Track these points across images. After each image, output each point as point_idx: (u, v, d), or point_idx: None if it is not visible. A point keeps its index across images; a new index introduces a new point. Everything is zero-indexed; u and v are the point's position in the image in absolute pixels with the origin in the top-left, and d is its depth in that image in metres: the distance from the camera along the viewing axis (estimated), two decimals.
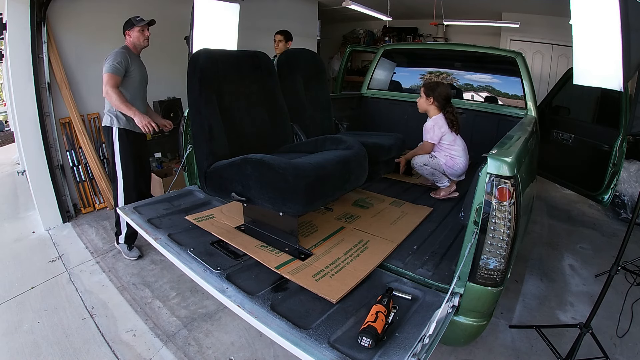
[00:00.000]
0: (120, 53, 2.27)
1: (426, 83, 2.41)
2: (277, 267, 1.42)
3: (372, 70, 3.73)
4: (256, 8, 4.33)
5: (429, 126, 2.35)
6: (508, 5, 5.05)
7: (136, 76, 2.38)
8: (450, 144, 2.33)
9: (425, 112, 2.42)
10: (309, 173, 1.38)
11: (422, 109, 2.41)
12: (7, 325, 1.92)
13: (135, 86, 2.39)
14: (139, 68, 2.41)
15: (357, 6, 4.54)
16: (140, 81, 2.42)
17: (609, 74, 1.22)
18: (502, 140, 1.43)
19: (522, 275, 2.45)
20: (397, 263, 1.53)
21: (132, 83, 2.37)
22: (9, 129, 6.74)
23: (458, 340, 1.40)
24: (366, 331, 1.06)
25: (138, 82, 2.40)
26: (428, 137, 2.35)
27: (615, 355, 1.79)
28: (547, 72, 5.58)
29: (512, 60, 2.86)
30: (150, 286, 2.27)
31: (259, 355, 1.76)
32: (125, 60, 2.27)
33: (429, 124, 2.35)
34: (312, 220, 1.87)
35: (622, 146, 2.43)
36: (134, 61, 2.36)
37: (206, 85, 1.70)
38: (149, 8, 3.44)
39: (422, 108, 2.41)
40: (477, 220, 1.18)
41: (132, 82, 2.36)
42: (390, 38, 6.89)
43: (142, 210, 1.92)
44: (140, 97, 2.47)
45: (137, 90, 2.42)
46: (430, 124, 2.34)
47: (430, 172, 2.36)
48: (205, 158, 1.70)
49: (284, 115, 2.10)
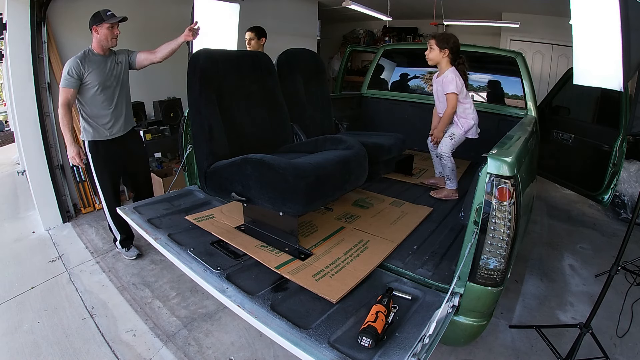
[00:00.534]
0: (71, 61, 2.07)
1: (438, 35, 2.27)
2: (277, 267, 1.42)
3: (372, 70, 3.73)
4: (256, 8, 4.33)
5: (449, 78, 2.20)
6: (508, 5, 5.05)
7: (94, 82, 2.13)
8: (464, 97, 2.25)
9: (436, 64, 2.29)
10: (309, 173, 1.38)
11: (434, 61, 2.27)
12: (7, 325, 1.92)
13: (95, 95, 2.17)
14: (100, 71, 2.15)
15: (357, 6, 4.54)
16: (102, 87, 2.17)
17: (609, 74, 1.22)
18: (502, 140, 1.43)
19: (522, 275, 2.45)
20: (397, 263, 1.53)
21: (90, 92, 2.15)
22: (9, 129, 6.75)
23: (458, 340, 1.40)
24: (366, 331, 1.06)
25: (99, 89, 2.16)
26: (452, 88, 2.18)
27: (615, 355, 1.79)
28: (547, 72, 5.58)
29: (512, 60, 2.86)
30: (150, 286, 2.27)
31: (259, 355, 1.76)
32: (76, 68, 2.06)
33: (448, 75, 2.20)
34: (312, 220, 1.87)
35: (622, 146, 2.43)
36: (92, 65, 2.12)
37: (206, 85, 1.70)
38: (149, 8, 3.45)
39: (434, 60, 2.26)
40: (477, 220, 1.18)
41: (89, 92, 2.15)
42: (390, 38, 6.89)
43: (142, 210, 1.92)
44: (109, 106, 2.24)
45: (102, 98, 2.20)
46: (451, 75, 2.19)
47: (452, 167, 2.30)
48: (205, 158, 1.70)
49: (284, 115, 2.10)
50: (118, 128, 2.31)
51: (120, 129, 2.32)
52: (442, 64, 2.26)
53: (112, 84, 2.23)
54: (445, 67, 2.25)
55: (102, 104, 2.20)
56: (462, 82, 2.22)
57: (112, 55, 2.25)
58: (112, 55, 2.25)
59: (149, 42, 2.69)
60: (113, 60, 2.24)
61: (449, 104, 2.24)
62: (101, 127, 2.23)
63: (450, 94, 2.21)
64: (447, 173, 2.35)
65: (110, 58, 2.22)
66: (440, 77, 2.28)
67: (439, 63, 2.27)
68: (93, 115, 2.21)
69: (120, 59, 2.29)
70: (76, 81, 2.08)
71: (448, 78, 2.21)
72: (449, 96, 2.21)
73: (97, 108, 2.20)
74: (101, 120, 2.23)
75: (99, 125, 2.23)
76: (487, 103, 3.20)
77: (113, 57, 2.25)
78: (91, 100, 2.18)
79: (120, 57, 2.29)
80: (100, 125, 2.23)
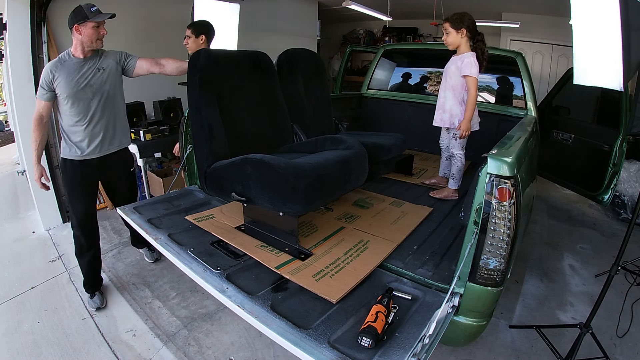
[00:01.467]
0: (44, 69, 1.80)
1: (451, 16, 2.16)
2: (277, 267, 1.42)
3: (372, 70, 3.73)
4: (256, 8, 4.33)
5: (471, 61, 2.10)
6: (508, 5, 5.06)
7: (62, 93, 1.79)
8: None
9: (456, 47, 2.20)
10: (309, 173, 1.39)
11: (454, 45, 2.18)
12: (7, 325, 1.92)
13: (66, 108, 1.84)
14: (69, 80, 1.78)
15: (357, 6, 4.54)
16: (72, 99, 1.81)
17: (609, 73, 1.22)
18: (502, 140, 1.43)
19: (522, 275, 2.45)
20: (397, 263, 1.53)
21: (61, 104, 1.84)
22: (9, 129, 6.75)
23: (458, 340, 1.40)
24: (366, 331, 1.06)
25: (68, 101, 1.81)
26: (473, 72, 2.09)
27: (615, 355, 1.79)
28: (547, 72, 5.58)
29: (512, 60, 2.86)
30: (150, 286, 2.27)
31: (259, 355, 1.76)
32: (46, 77, 1.77)
33: (469, 58, 2.11)
34: (312, 220, 1.87)
35: (622, 146, 2.43)
36: (63, 72, 1.78)
37: (206, 85, 1.71)
38: (149, 8, 3.45)
39: (453, 44, 2.18)
40: (477, 220, 1.18)
41: (61, 103, 1.84)
42: (390, 38, 6.89)
43: (142, 210, 1.92)
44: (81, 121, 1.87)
45: (73, 112, 1.85)
46: (472, 59, 2.10)
47: (460, 167, 2.27)
48: (205, 158, 1.70)
49: (284, 115, 2.10)
50: (94, 148, 1.93)
51: (98, 149, 1.95)
52: (462, 46, 2.17)
53: (87, 95, 1.84)
54: (464, 49, 2.17)
55: (73, 118, 1.86)
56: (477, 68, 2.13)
57: (94, 59, 1.87)
58: (94, 58, 1.87)
59: (149, 42, 2.68)
60: (92, 65, 1.86)
61: (470, 89, 2.11)
62: (73, 144, 1.91)
63: (470, 78, 2.10)
64: (453, 172, 2.31)
65: (89, 63, 1.85)
66: (459, 56, 2.18)
67: (459, 46, 2.18)
68: (66, 130, 1.91)
69: (107, 63, 1.90)
70: (47, 93, 1.79)
71: (469, 60, 2.11)
72: (469, 79, 2.10)
73: (70, 122, 1.88)
74: (74, 136, 1.90)
75: (71, 141, 1.91)
76: (487, 103, 3.20)
77: (95, 60, 1.87)
78: (64, 113, 1.87)
79: (107, 62, 1.91)
80: (72, 142, 1.91)
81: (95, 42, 1.82)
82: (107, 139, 1.98)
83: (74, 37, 1.79)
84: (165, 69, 2.02)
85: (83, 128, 1.88)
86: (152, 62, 2.01)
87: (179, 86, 3.09)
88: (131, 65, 1.98)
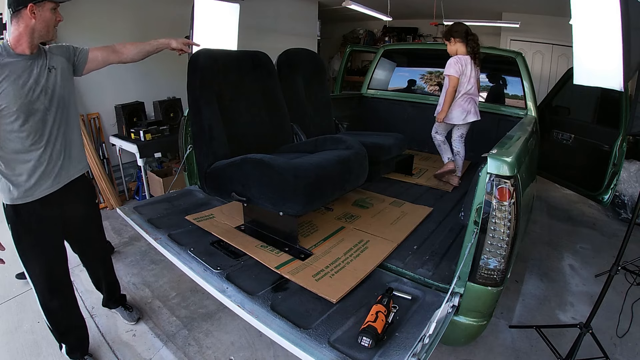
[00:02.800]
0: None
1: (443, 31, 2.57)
2: (277, 267, 1.43)
3: (372, 70, 3.74)
4: (256, 8, 4.33)
5: (452, 62, 2.43)
6: (508, 5, 5.05)
7: (9, 106, 1.23)
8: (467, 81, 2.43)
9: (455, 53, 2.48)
10: (309, 173, 1.39)
11: (453, 52, 2.49)
12: (7, 325, 1.92)
13: (12, 128, 1.26)
14: (19, 86, 1.24)
15: (357, 6, 4.53)
16: (25, 113, 1.27)
17: (609, 73, 1.22)
18: (502, 140, 1.43)
19: (522, 275, 2.45)
20: (397, 263, 1.53)
21: (5, 123, 1.25)
22: None
23: (458, 340, 1.40)
24: (366, 331, 1.06)
25: (18, 117, 1.26)
26: (451, 71, 2.40)
27: (615, 355, 1.79)
28: (547, 72, 5.58)
29: (512, 60, 2.87)
30: (150, 286, 2.27)
31: (259, 355, 1.76)
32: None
33: (452, 60, 2.44)
34: (312, 220, 1.87)
35: (622, 146, 2.43)
36: (7, 75, 1.22)
37: (206, 85, 1.71)
38: (149, 8, 3.45)
39: (452, 51, 2.49)
40: (477, 220, 1.18)
41: (3, 123, 1.25)
42: (390, 38, 6.89)
43: (142, 210, 1.93)
44: (37, 144, 1.33)
45: (25, 132, 1.29)
46: (454, 60, 2.42)
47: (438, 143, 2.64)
48: (205, 158, 1.71)
49: (284, 115, 2.10)
50: (54, 179, 1.40)
51: (58, 179, 1.42)
52: (458, 50, 2.45)
53: (42, 105, 1.32)
54: (460, 52, 2.45)
55: (25, 140, 1.30)
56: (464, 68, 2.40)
57: (41, 55, 1.34)
58: (40, 55, 1.34)
59: None
60: (42, 64, 1.33)
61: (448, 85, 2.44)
62: (22, 180, 1.33)
63: (450, 76, 2.41)
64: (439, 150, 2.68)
65: (37, 61, 1.32)
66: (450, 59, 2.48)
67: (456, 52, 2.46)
68: (9, 160, 1.31)
69: (56, 61, 1.38)
70: None
71: (449, 62, 2.44)
72: (448, 77, 2.43)
73: (18, 147, 1.30)
74: (21, 167, 1.32)
75: (16, 176, 1.33)
76: (487, 103, 3.20)
77: (42, 58, 1.34)
78: (5, 136, 1.27)
79: (57, 59, 1.38)
80: (19, 176, 1.33)
81: (52, 31, 1.33)
82: (67, 163, 1.45)
83: (18, 23, 1.24)
84: (125, 56, 1.60)
85: (40, 152, 1.34)
86: (108, 50, 1.55)
87: (179, 86, 3.09)
88: (82, 60, 1.48)
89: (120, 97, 3.31)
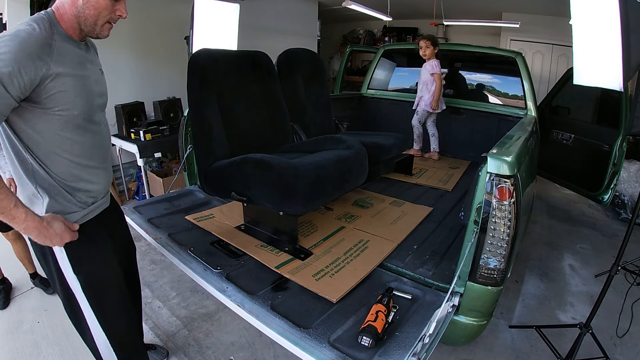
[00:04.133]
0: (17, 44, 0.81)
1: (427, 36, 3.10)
2: (277, 267, 1.43)
3: (372, 70, 3.74)
4: (256, 8, 4.33)
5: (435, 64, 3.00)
6: (508, 5, 5.05)
7: (73, 109, 0.94)
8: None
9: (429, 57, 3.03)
10: (309, 173, 1.39)
11: (430, 56, 3.02)
12: (7, 325, 1.91)
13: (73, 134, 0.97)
14: (84, 80, 0.98)
15: (357, 6, 4.53)
16: (89, 115, 1.00)
17: (609, 74, 1.22)
18: (502, 139, 1.43)
19: (522, 275, 2.45)
20: (397, 263, 1.53)
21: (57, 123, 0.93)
22: None
23: (458, 340, 1.40)
24: (366, 330, 1.06)
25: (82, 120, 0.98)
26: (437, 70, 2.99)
27: (615, 355, 1.79)
28: (547, 72, 5.58)
29: (512, 60, 2.87)
30: (150, 286, 2.27)
31: (259, 355, 1.76)
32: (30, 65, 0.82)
33: (434, 62, 3.01)
34: (312, 220, 1.87)
35: (622, 146, 2.43)
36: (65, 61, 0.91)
37: (206, 85, 1.70)
38: (149, 8, 3.45)
39: (429, 55, 3.02)
40: (477, 219, 1.18)
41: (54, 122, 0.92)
42: (390, 38, 6.88)
43: (142, 210, 1.93)
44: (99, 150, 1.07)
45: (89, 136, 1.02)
46: (436, 62, 3.01)
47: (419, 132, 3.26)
48: (205, 158, 1.70)
49: (284, 115, 2.10)
50: (106, 186, 1.16)
51: (107, 188, 1.18)
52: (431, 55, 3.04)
53: (100, 109, 1.08)
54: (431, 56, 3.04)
55: (89, 146, 1.03)
56: None
57: (91, 51, 1.08)
58: (89, 50, 1.07)
59: (149, 42, 2.67)
60: (94, 58, 1.09)
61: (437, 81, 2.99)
62: (84, 191, 1.05)
63: (437, 74, 2.99)
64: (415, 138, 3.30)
65: (89, 53, 1.05)
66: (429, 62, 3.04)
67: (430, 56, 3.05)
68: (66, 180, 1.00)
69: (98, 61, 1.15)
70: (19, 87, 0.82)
71: (434, 63, 3.02)
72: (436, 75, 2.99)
73: (77, 164, 1.01)
74: (81, 183, 1.04)
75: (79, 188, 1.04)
76: (487, 103, 3.21)
77: (93, 54, 1.10)
78: (61, 148, 0.96)
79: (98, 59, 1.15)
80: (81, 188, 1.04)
81: (104, 26, 1.00)
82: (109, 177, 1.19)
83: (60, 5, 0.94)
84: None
85: (104, 169, 1.12)
86: None
87: (179, 86, 3.09)
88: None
89: (120, 97, 3.31)
